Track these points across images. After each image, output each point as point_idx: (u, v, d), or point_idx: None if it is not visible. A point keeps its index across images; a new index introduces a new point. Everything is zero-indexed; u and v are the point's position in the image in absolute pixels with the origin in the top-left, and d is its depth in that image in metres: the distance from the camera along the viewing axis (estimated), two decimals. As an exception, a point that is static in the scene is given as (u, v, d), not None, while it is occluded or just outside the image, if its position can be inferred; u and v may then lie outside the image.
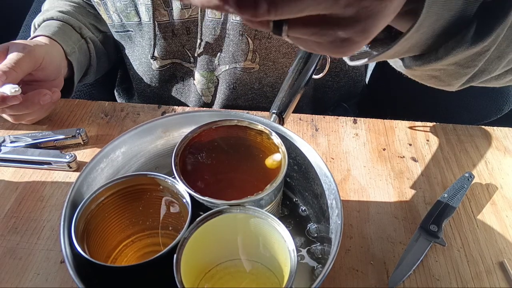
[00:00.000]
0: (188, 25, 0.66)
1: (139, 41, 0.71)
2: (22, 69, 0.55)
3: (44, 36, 0.64)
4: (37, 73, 0.59)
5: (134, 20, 0.68)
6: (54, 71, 0.62)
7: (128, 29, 0.70)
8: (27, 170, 0.55)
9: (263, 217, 0.36)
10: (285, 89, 0.46)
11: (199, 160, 0.42)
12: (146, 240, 0.44)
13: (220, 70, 0.71)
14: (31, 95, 0.56)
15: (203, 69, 0.71)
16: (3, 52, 0.56)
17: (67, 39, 0.66)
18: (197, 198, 0.37)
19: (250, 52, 0.67)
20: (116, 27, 0.71)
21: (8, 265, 0.45)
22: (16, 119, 0.59)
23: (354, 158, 0.57)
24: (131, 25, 0.69)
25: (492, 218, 0.51)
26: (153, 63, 0.72)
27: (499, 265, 0.46)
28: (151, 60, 0.72)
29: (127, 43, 0.74)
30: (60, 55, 0.64)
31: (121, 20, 0.69)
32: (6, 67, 0.54)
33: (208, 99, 0.75)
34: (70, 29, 0.68)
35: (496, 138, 0.61)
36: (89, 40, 0.71)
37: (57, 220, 0.49)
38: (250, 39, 0.65)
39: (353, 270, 0.45)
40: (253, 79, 0.71)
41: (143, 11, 0.66)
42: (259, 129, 0.42)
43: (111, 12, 0.68)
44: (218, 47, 0.68)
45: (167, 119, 0.45)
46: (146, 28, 0.68)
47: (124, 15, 0.68)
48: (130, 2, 0.66)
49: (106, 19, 0.70)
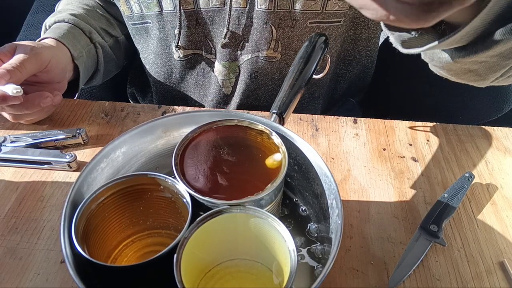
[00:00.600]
0: (211, 14, 0.66)
1: (155, 33, 0.71)
2: (27, 70, 0.55)
3: (52, 39, 0.64)
4: (41, 75, 0.59)
5: (155, 10, 0.68)
6: (59, 74, 0.62)
7: (146, 21, 0.70)
8: (27, 170, 0.55)
9: (263, 217, 0.36)
10: (285, 89, 0.46)
11: (199, 160, 0.42)
12: (146, 240, 0.44)
13: (242, 59, 0.71)
14: (32, 97, 0.56)
15: (225, 59, 0.71)
16: (9, 51, 0.56)
17: (75, 42, 0.66)
18: (197, 198, 0.37)
19: (273, 41, 0.68)
20: (135, 18, 0.71)
21: (8, 265, 0.45)
22: (15, 118, 0.59)
23: (354, 158, 0.57)
24: (150, 15, 0.69)
25: (492, 218, 0.51)
26: (176, 53, 0.72)
27: (499, 265, 0.46)
28: (174, 49, 0.72)
29: (142, 37, 0.74)
30: (67, 59, 0.64)
31: (141, 10, 0.69)
32: (11, 66, 0.54)
33: (228, 90, 0.75)
34: (80, 33, 0.69)
35: (496, 138, 0.61)
36: (98, 45, 0.71)
37: (57, 220, 0.49)
38: (274, 27, 0.66)
39: (353, 270, 0.45)
40: (274, 69, 0.72)
41: (167, 0, 0.66)
42: (260, 129, 0.42)
43: (132, 2, 0.68)
44: (241, 36, 0.68)
45: (167, 119, 0.45)
46: (168, 18, 0.68)
47: (145, 5, 0.67)
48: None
49: (125, 10, 0.70)
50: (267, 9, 0.63)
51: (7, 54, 0.56)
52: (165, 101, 0.82)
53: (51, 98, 0.57)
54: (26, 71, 0.55)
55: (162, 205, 0.42)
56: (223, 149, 0.43)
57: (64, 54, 0.63)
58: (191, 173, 0.40)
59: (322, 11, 0.65)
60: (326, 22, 0.67)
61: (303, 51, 0.49)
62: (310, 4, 0.63)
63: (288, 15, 0.65)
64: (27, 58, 0.55)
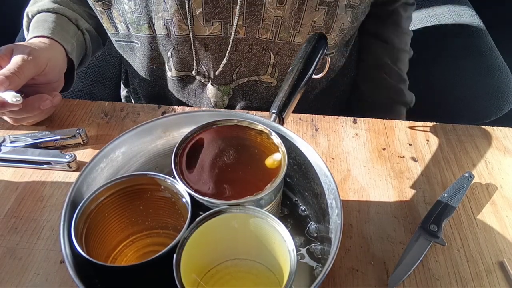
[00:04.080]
0: (207, 42, 0.65)
1: (143, 52, 0.69)
2: (25, 75, 0.54)
3: (44, 37, 0.63)
4: (39, 77, 0.58)
5: (146, 33, 0.65)
6: (56, 75, 0.61)
7: (133, 41, 0.68)
8: (27, 170, 0.55)
9: (263, 217, 0.36)
10: (285, 89, 0.46)
11: (199, 160, 0.42)
12: (146, 240, 0.44)
13: (237, 82, 0.70)
14: (32, 100, 0.56)
15: (220, 83, 0.70)
16: (6, 54, 0.56)
17: (65, 35, 0.65)
18: (197, 198, 0.37)
19: (270, 66, 0.67)
20: (120, 36, 0.69)
21: (8, 265, 0.45)
22: (16, 121, 0.59)
23: (354, 158, 0.57)
24: (139, 37, 0.67)
25: (492, 218, 0.51)
26: (168, 71, 0.71)
27: (499, 265, 0.46)
28: (167, 68, 0.70)
29: (126, 53, 0.72)
30: (62, 57, 0.63)
31: (129, 30, 0.67)
32: (10, 72, 0.53)
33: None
34: (67, 21, 0.67)
35: (496, 138, 0.61)
36: (85, 31, 0.70)
37: (57, 220, 0.49)
38: (272, 53, 0.66)
39: (353, 270, 0.45)
40: (269, 94, 0.71)
41: (160, 25, 0.63)
42: (259, 129, 0.42)
43: (117, 21, 0.66)
44: (238, 62, 0.67)
45: (167, 119, 0.45)
46: (161, 41, 0.66)
47: (134, 27, 0.65)
48: (145, 15, 0.63)
49: (109, 27, 0.68)
50: (268, 39, 0.64)
51: (4, 58, 0.55)
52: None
53: (51, 100, 0.57)
54: (24, 76, 0.54)
55: (161, 205, 0.42)
56: (223, 149, 0.43)
57: (60, 53, 0.63)
58: (190, 173, 0.40)
59: None
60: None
61: (303, 51, 0.49)
62: None
63: (288, 46, 0.65)
64: (25, 63, 0.54)
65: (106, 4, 0.64)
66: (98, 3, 0.65)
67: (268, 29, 0.62)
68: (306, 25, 0.62)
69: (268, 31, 0.62)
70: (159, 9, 0.62)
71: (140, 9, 0.62)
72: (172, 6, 0.60)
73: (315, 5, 0.61)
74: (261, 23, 0.62)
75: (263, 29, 0.62)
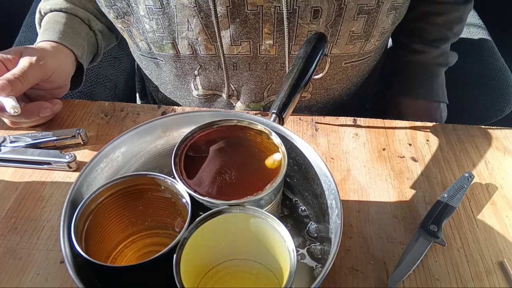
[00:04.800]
0: (235, 61, 0.62)
1: (169, 69, 0.67)
2: (30, 81, 0.53)
3: (53, 42, 0.61)
4: (44, 84, 0.58)
5: (170, 53, 0.63)
6: (63, 81, 0.61)
7: (156, 58, 0.66)
8: (27, 170, 0.55)
9: (263, 217, 0.36)
10: (285, 89, 0.46)
11: (199, 160, 0.42)
12: (146, 240, 0.44)
13: (268, 100, 0.68)
14: (31, 107, 0.55)
15: (249, 100, 0.68)
16: (15, 57, 0.55)
17: (76, 38, 0.63)
18: (197, 198, 0.37)
19: None
20: (143, 52, 0.66)
21: (8, 265, 0.45)
22: (14, 124, 0.59)
23: (354, 158, 0.57)
24: (163, 56, 0.64)
25: (492, 218, 0.51)
26: (194, 90, 0.69)
27: (499, 265, 0.46)
28: (193, 87, 0.68)
29: (151, 67, 0.70)
30: (71, 63, 0.62)
31: (151, 49, 0.64)
32: (14, 77, 0.52)
33: None
34: (79, 22, 0.66)
35: (496, 138, 0.61)
36: (98, 32, 0.69)
37: (57, 220, 0.49)
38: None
39: (353, 270, 0.45)
40: (303, 106, 0.69)
41: (184, 45, 0.61)
42: (259, 129, 0.42)
43: (138, 40, 0.63)
44: (269, 79, 0.64)
45: (167, 119, 0.45)
46: (186, 60, 0.63)
47: (157, 46, 0.62)
48: (168, 35, 0.60)
49: (131, 43, 0.66)
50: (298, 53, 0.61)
51: (13, 61, 0.54)
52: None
53: (50, 108, 0.56)
54: (28, 83, 0.53)
55: (161, 205, 0.42)
56: (223, 149, 0.43)
57: (68, 59, 0.62)
58: (190, 173, 0.40)
59: (359, 52, 0.63)
60: (359, 60, 0.65)
61: (303, 51, 0.49)
62: (348, 48, 0.61)
63: (324, 58, 0.60)
64: (31, 68, 0.53)
65: (125, 22, 0.62)
66: (118, 20, 0.62)
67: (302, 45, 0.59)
68: (344, 36, 0.59)
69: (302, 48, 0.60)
70: (183, 29, 0.58)
71: (162, 29, 0.59)
72: (197, 26, 0.58)
73: (354, 15, 0.56)
74: (294, 40, 0.58)
75: (296, 46, 0.59)
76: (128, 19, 0.61)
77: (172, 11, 0.57)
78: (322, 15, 0.55)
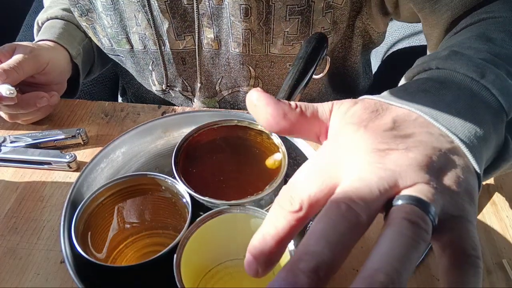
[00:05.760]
0: (183, 56, 0.64)
1: (131, 65, 0.69)
2: (24, 71, 0.55)
3: (49, 41, 0.63)
4: (39, 77, 0.59)
5: (126, 48, 0.66)
6: (58, 76, 0.62)
7: (118, 54, 0.68)
8: (27, 170, 0.55)
9: (263, 217, 0.36)
10: (285, 89, 0.46)
11: (199, 160, 0.42)
12: (146, 240, 0.44)
13: (222, 95, 0.69)
14: (28, 97, 0.56)
15: (204, 96, 0.69)
16: (9, 52, 0.56)
17: (72, 40, 0.66)
18: (197, 198, 0.37)
19: (252, 79, 0.65)
20: (107, 50, 0.69)
21: (8, 265, 0.45)
22: (11, 117, 0.59)
23: (354, 158, 0.57)
24: (122, 51, 0.67)
25: (492, 218, 0.51)
26: (153, 86, 0.71)
27: (499, 265, 0.46)
28: (151, 82, 0.70)
29: (118, 65, 0.72)
30: (66, 61, 0.64)
31: (112, 45, 0.67)
32: (9, 66, 0.53)
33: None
34: (75, 28, 0.68)
35: (496, 138, 0.61)
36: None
37: (57, 220, 0.49)
38: (251, 67, 0.63)
39: (353, 270, 0.45)
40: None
41: (136, 40, 0.63)
42: (259, 129, 0.42)
43: (101, 36, 0.66)
44: (219, 74, 0.66)
45: (167, 119, 0.45)
46: (140, 55, 0.66)
47: (115, 41, 0.65)
48: (121, 30, 0.63)
49: (96, 41, 0.68)
50: (242, 53, 0.61)
51: (6, 54, 0.56)
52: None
53: (47, 99, 0.57)
54: (23, 72, 0.55)
55: (162, 205, 0.42)
56: (223, 149, 0.43)
57: (63, 56, 0.63)
58: (191, 173, 0.40)
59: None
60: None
61: (303, 51, 0.49)
62: (287, 49, 0.60)
63: (265, 57, 0.62)
64: (25, 59, 0.55)
65: (89, 19, 0.64)
66: (82, 18, 0.65)
67: (240, 43, 0.59)
68: (279, 35, 0.59)
69: (239, 44, 0.60)
70: (132, 23, 0.61)
71: (116, 24, 0.62)
72: (143, 21, 0.60)
73: (285, 15, 0.56)
74: (231, 37, 0.59)
75: (235, 43, 0.60)
76: (92, 16, 0.64)
77: (122, 7, 0.60)
78: (252, 12, 0.56)
